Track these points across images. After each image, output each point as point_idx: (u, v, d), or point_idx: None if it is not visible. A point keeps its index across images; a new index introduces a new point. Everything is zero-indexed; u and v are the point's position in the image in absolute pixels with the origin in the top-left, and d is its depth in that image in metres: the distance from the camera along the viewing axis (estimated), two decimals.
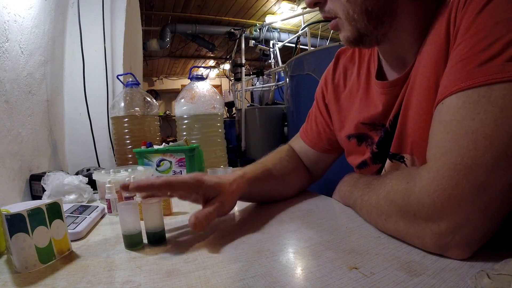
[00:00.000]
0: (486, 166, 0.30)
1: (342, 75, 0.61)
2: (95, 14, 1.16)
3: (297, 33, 3.50)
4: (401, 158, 0.48)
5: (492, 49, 0.32)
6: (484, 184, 0.31)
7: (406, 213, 0.37)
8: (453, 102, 0.34)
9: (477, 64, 0.32)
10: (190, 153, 0.82)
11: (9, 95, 0.72)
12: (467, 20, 0.35)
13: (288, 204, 0.61)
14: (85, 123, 1.10)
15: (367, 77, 0.54)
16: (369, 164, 0.56)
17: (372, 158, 0.55)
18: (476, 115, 0.31)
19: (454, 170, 0.32)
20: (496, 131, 0.30)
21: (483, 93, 0.31)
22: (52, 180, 0.70)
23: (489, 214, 0.31)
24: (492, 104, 0.31)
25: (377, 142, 0.53)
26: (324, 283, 0.31)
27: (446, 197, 0.32)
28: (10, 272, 0.36)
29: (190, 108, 0.99)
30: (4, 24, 0.71)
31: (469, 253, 0.33)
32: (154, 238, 0.44)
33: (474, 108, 0.32)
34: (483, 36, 0.33)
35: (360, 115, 0.55)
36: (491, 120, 0.31)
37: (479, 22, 0.33)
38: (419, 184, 0.35)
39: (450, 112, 0.34)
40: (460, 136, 0.32)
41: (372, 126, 0.53)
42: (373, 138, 0.54)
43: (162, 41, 4.21)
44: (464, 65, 0.34)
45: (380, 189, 0.42)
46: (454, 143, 0.33)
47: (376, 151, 0.53)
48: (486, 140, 0.31)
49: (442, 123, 0.35)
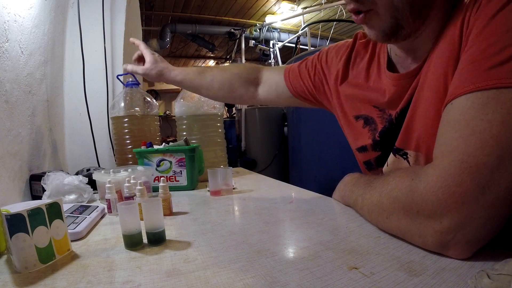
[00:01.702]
0: (491, 166, 0.31)
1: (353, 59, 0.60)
2: (95, 14, 1.16)
3: (297, 33, 3.50)
4: (404, 154, 0.48)
5: (503, 54, 0.32)
6: (489, 183, 0.31)
7: (409, 210, 0.37)
8: (462, 103, 0.34)
9: (488, 68, 0.33)
10: (190, 153, 0.82)
11: (9, 95, 0.72)
12: (480, 23, 0.35)
13: (288, 204, 0.61)
14: (85, 123, 1.10)
15: (378, 69, 0.54)
16: (368, 150, 0.56)
17: (372, 145, 0.55)
18: (484, 116, 0.32)
19: (460, 168, 0.32)
20: (503, 132, 0.31)
21: (492, 95, 0.32)
22: (52, 180, 0.70)
23: (492, 213, 0.32)
24: (500, 107, 0.31)
25: (380, 131, 0.53)
26: (324, 283, 0.31)
27: (450, 195, 0.33)
28: (10, 272, 0.36)
29: (190, 108, 0.99)
30: (4, 24, 0.71)
31: (469, 252, 0.33)
32: (154, 238, 0.44)
33: (483, 109, 0.32)
34: (494, 41, 0.33)
35: (372, 99, 0.55)
36: (499, 122, 0.31)
37: (492, 26, 0.34)
38: (424, 181, 0.35)
39: (459, 112, 0.34)
40: (468, 135, 0.33)
41: (382, 111, 0.53)
42: (377, 124, 0.54)
43: (162, 41, 4.21)
44: (475, 68, 0.34)
45: (382, 187, 0.43)
46: (461, 141, 0.33)
47: (378, 139, 0.54)
48: (492, 140, 0.31)
49: (451, 122, 0.35)
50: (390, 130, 0.51)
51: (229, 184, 0.77)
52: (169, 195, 0.59)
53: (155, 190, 0.71)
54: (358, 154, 0.60)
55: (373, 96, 0.54)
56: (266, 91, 0.75)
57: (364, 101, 0.56)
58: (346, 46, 0.62)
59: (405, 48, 0.48)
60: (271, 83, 0.75)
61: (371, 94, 0.54)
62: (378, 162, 0.56)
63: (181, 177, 0.83)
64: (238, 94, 0.76)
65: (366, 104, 0.56)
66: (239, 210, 0.62)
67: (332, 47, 0.67)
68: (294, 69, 0.71)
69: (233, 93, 0.76)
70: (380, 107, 0.53)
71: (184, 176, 0.83)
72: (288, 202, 0.63)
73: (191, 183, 0.83)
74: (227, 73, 0.77)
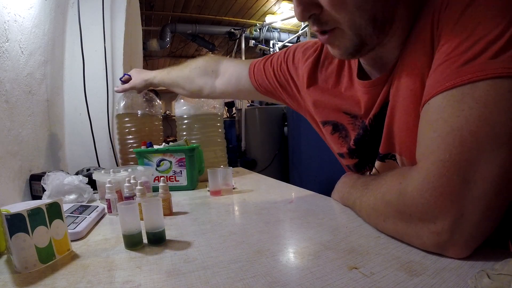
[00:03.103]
0: (473, 161, 0.31)
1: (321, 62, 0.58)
2: (95, 14, 1.16)
3: (297, 33, 3.50)
4: (393, 157, 0.48)
5: (475, 48, 0.32)
6: (473, 178, 0.31)
7: (402, 214, 0.37)
8: (438, 102, 0.34)
9: (461, 64, 0.33)
10: (190, 153, 0.82)
11: (9, 95, 0.72)
12: (450, 21, 0.35)
13: (288, 204, 0.61)
14: (85, 123, 1.10)
15: (349, 75, 0.53)
16: (345, 157, 0.56)
17: (348, 153, 0.55)
18: (460, 112, 0.32)
19: (443, 167, 0.33)
20: (481, 126, 0.31)
21: (467, 91, 0.32)
22: (52, 180, 0.70)
23: (483, 208, 0.31)
24: (476, 101, 0.31)
25: (355, 139, 0.52)
26: (324, 283, 0.31)
27: (438, 196, 0.33)
28: (10, 272, 0.36)
29: (190, 108, 0.99)
30: (4, 24, 0.71)
31: (468, 251, 0.33)
32: (154, 238, 0.44)
33: (459, 106, 0.32)
34: (466, 36, 0.33)
35: (343, 106, 0.54)
36: (475, 117, 0.31)
37: (462, 22, 0.34)
38: (411, 184, 0.36)
39: (436, 111, 0.35)
40: (446, 134, 0.33)
41: (354, 118, 0.53)
42: (349, 131, 0.54)
43: (162, 41, 4.21)
44: (448, 65, 0.34)
45: (376, 190, 0.43)
46: (441, 140, 0.33)
47: (354, 147, 0.53)
48: (471, 136, 0.31)
49: (429, 123, 0.35)
50: (365, 137, 0.50)
51: (229, 184, 0.77)
52: (169, 195, 0.59)
53: (155, 190, 0.71)
54: (339, 158, 0.60)
55: (345, 103, 0.53)
56: (224, 83, 0.76)
57: (334, 108, 0.55)
58: (314, 48, 0.60)
59: (371, 58, 0.47)
60: (230, 76, 0.75)
61: (343, 102, 0.53)
62: (357, 168, 0.56)
63: (181, 177, 0.83)
64: (197, 86, 0.79)
65: (336, 111, 0.55)
66: (239, 210, 0.62)
67: (299, 47, 0.64)
68: (258, 66, 0.70)
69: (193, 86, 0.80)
70: (352, 114, 0.53)
71: (184, 176, 0.83)
72: (288, 202, 0.63)
73: (191, 183, 0.83)
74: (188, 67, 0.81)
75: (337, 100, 0.55)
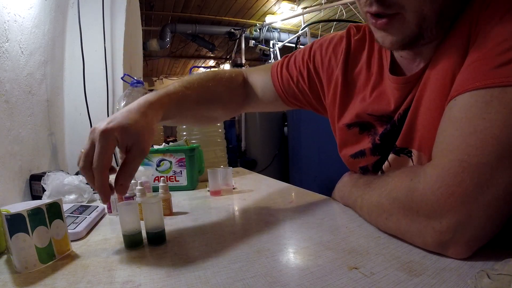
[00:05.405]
0: (491, 165, 0.31)
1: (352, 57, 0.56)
2: (95, 14, 1.16)
3: (297, 33, 3.50)
4: (409, 153, 0.46)
5: (510, 53, 0.32)
6: (488, 183, 0.31)
7: (408, 211, 0.37)
8: (465, 100, 0.34)
9: (494, 66, 0.33)
10: (190, 153, 0.82)
11: (9, 95, 0.72)
12: (489, 22, 0.35)
13: (288, 204, 0.61)
14: (85, 123, 1.10)
15: (379, 69, 0.51)
16: (366, 155, 0.53)
17: (372, 149, 0.52)
18: (486, 115, 0.32)
19: (460, 167, 0.32)
20: (504, 132, 0.31)
21: (496, 94, 0.32)
22: (52, 180, 0.70)
23: (491, 213, 0.32)
24: (503, 106, 0.31)
25: (381, 134, 0.50)
26: (324, 283, 0.31)
27: (450, 194, 0.32)
28: (10, 272, 0.36)
29: None
30: (4, 24, 0.71)
31: (469, 252, 0.33)
32: (154, 238, 0.44)
33: (486, 108, 0.32)
34: (502, 40, 0.33)
35: (369, 106, 0.51)
36: (501, 121, 0.31)
37: (501, 25, 0.34)
38: (423, 181, 0.35)
39: (462, 109, 0.34)
40: (469, 134, 0.33)
41: (379, 118, 0.51)
42: (377, 128, 0.52)
43: (162, 41, 4.21)
44: (481, 65, 0.34)
45: (382, 188, 0.42)
46: (462, 140, 0.33)
47: (378, 142, 0.51)
48: (493, 139, 0.31)
49: (452, 120, 0.35)
50: (392, 132, 0.49)
51: (229, 184, 0.77)
52: (169, 195, 0.59)
53: (155, 190, 0.71)
54: (352, 160, 0.56)
55: (375, 108, 0.51)
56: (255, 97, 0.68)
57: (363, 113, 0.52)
58: (342, 47, 0.57)
59: (414, 52, 0.45)
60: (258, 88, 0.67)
61: (373, 107, 0.51)
62: (375, 167, 0.53)
63: (181, 177, 0.83)
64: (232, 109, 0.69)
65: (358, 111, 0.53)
66: (239, 210, 0.62)
67: (324, 45, 0.60)
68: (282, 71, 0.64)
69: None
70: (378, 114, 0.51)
71: (184, 176, 0.83)
72: (288, 202, 0.63)
73: (191, 183, 0.83)
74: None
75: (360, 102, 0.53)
